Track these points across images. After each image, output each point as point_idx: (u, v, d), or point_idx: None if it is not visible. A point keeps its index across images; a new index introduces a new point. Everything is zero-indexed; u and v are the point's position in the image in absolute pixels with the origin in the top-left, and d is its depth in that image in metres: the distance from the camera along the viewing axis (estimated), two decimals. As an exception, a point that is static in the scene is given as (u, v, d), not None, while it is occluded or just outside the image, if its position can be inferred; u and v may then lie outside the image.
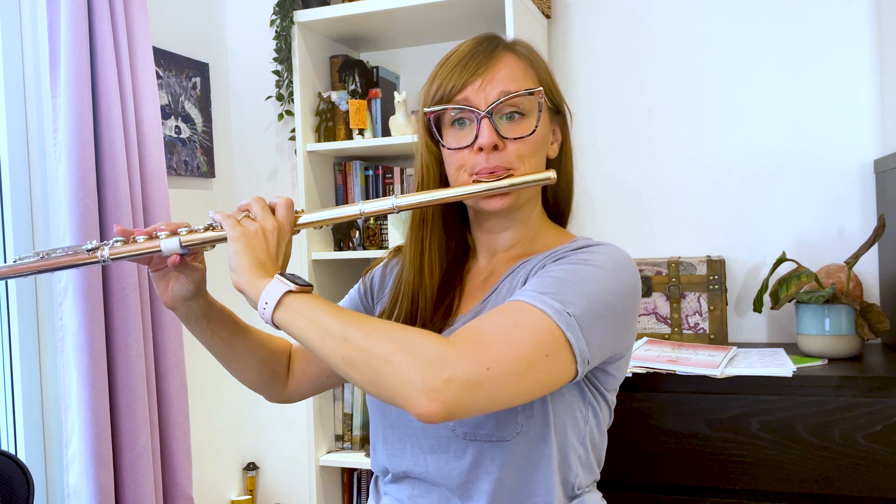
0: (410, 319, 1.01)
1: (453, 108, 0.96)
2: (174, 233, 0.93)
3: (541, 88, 0.97)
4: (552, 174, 0.95)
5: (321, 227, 0.98)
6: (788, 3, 2.03)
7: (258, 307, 0.85)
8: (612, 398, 1.01)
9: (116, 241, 0.94)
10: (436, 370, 0.76)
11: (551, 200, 1.09)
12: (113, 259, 0.93)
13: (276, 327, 0.85)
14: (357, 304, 1.16)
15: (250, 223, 0.90)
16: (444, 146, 0.98)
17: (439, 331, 1.00)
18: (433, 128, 0.99)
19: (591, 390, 0.96)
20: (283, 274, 0.86)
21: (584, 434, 0.96)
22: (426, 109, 0.98)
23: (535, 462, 0.92)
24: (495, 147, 0.94)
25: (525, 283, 0.95)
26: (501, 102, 0.94)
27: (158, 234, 0.93)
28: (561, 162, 1.05)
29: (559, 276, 0.88)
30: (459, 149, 0.96)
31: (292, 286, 0.84)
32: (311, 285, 0.87)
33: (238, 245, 0.88)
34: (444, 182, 1.02)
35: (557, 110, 1.03)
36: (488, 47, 0.98)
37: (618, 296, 0.90)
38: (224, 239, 0.91)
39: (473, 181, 0.96)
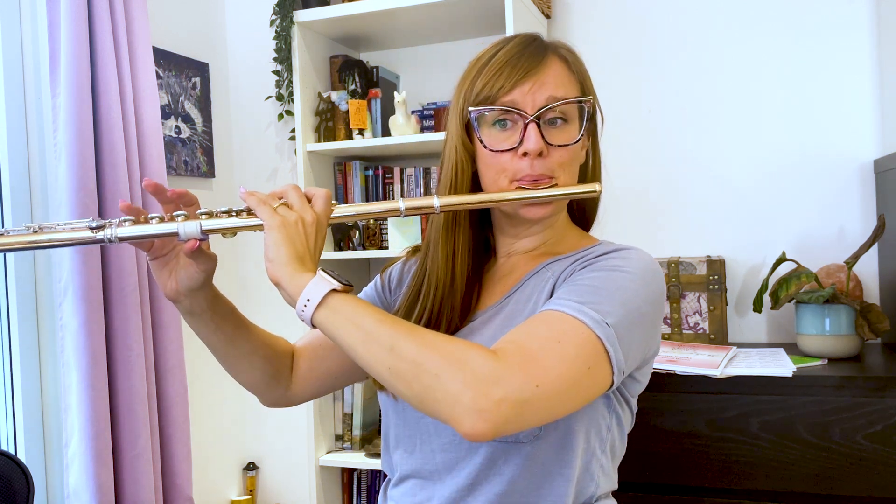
0: (434, 317, 0.98)
1: (500, 109, 0.93)
2: (193, 216, 0.87)
3: (590, 98, 0.96)
4: (598, 187, 0.95)
5: (353, 221, 0.94)
6: (789, 3, 2.03)
7: (297, 304, 0.80)
8: (635, 404, 1.00)
9: (125, 220, 0.85)
10: (487, 389, 0.74)
11: (576, 205, 1.08)
12: (121, 239, 0.83)
13: (314, 327, 0.81)
14: (374, 299, 1.12)
15: (288, 212, 0.85)
16: (485, 146, 0.94)
17: (458, 328, 0.99)
18: (475, 125, 0.95)
19: (617, 397, 0.95)
20: (325, 270, 0.82)
21: (606, 442, 0.95)
22: (471, 108, 0.94)
23: (552, 468, 0.90)
24: (540, 153, 0.92)
25: (553, 288, 0.93)
26: (550, 108, 0.92)
27: (176, 215, 0.86)
28: (590, 166, 1.04)
29: (594, 283, 0.87)
30: (501, 151, 0.94)
31: (337, 284, 0.80)
32: (352, 284, 0.83)
33: (277, 235, 0.82)
34: (473, 181, 0.99)
35: (591, 115, 1.02)
36: (537, 49, 0.95)
37: (649, 303, 0.89)
38: (251, 227, 0.86)
39: (516, 187, 0.93)
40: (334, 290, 0.80)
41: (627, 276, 0.88)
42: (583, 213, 1.09)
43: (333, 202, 0.90)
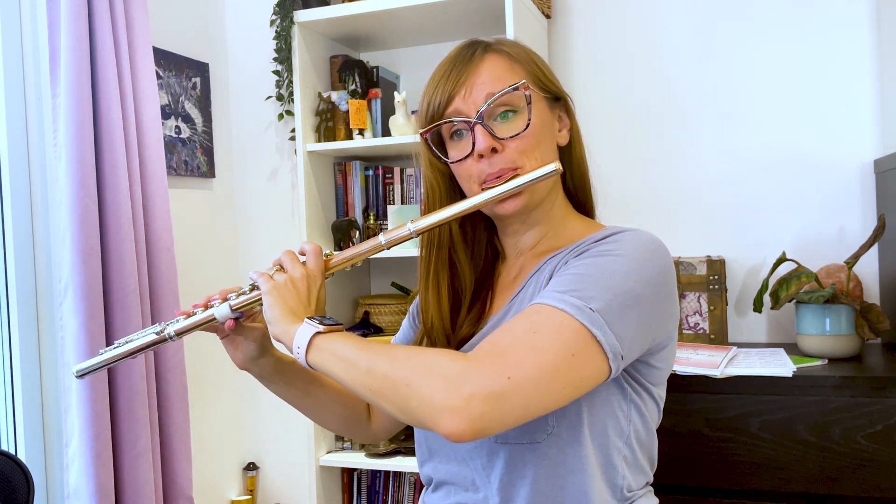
0: (435, 340, 1.01)
1: (445, 122, 0.96)
2: (225, 299, 0.99)
3: (524, 81, 0.95)
4: (556, 165, 0.93)
5: (351, 266, 1.01)
6: (789, 4, 2.03)
7: (293, 352, 0.87)
8: (660, 392, 0.98)
9: (178, 319, 1.01)
10: (456, 387, 0.76)
11: (573, 190, 1.07)
12: (178, 334, 0.99)
13: (312, 369, 0.87)
14: (408, 333, 1.16)
15: (280, 275, 0.94)
16: (447, 161, 0.99)
17: (471, 335, 1.00)
18: (432, 146, 0.99)
19: (633, 386, 0.93)
20: (311, 317, 0.89)
21: (627, 433, 0.93)
22: (421, 130, 0.99)
23: (570, 465, 0.90)
24: (494, 150, 0.93)
25: (549, 281, 0.93)
26: (490, 105, 0.94)
27: (212, 303, 0.99)
28: (570, 148, 1.04)
29: (579, 272, 0.86)
30: (462, 160, 0.96)
31: (320, 327, 0.87)
32: (341, 324, 0.89)
33: (270, 298, 0.91)
34: (453, 196, 1.02)
35: (556, 97, 1.01)
36: (467, 54, 0.97)
37: (645, 283, 0.86)
38: None
39: (483, 189, 0.95)
40: (319, 332, 0.87)
41: (616, 259, 0.87)
42: (577, 196, 1.08)
43: (327, 252, 0.99)
